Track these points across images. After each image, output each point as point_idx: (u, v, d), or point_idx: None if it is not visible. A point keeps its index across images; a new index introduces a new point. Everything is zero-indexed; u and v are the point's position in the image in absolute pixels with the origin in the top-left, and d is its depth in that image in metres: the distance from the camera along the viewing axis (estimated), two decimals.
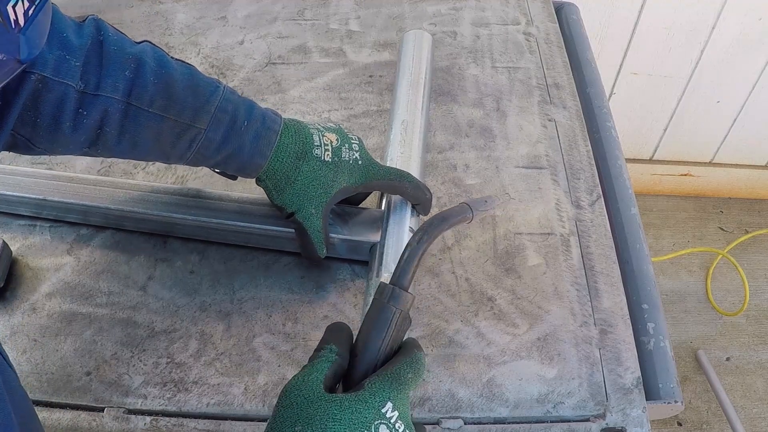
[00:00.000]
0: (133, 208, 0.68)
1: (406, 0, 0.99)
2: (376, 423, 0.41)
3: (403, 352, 0.46)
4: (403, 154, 0.71)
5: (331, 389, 0.43)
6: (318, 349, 0.45)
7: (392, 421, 0.42)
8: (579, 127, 0.81)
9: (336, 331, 0.46)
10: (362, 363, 0.44)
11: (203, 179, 0.75)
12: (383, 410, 0.42)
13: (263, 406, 0.59)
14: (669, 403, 0.61)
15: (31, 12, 0.36)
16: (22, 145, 0.55)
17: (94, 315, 0.65)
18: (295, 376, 0.43)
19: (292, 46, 0.93)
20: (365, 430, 0.41)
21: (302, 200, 0.61)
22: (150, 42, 0.58)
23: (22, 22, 0.36)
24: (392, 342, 0.45)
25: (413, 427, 0.44)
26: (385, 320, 0.44)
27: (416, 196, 0.66)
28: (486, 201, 0.52)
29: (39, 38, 0.38)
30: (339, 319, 0.64)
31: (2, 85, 0.37)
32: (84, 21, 0.55)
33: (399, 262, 0.46)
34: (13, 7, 0.35)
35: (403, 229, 0.65)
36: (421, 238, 0.46)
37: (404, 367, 0.44)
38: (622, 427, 0.58)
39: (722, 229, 1.88)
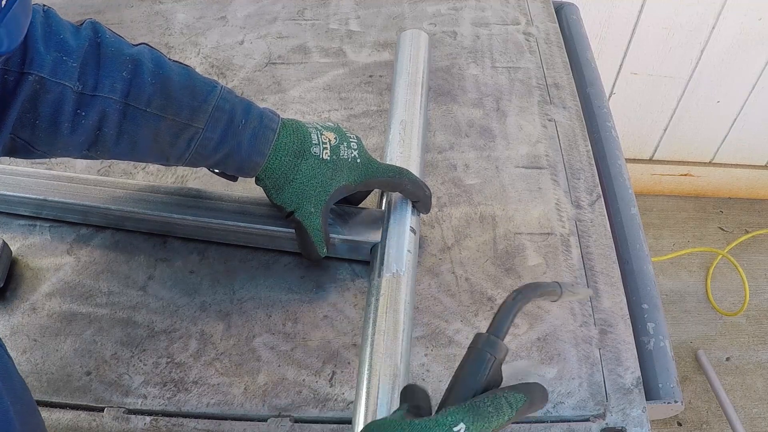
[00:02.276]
0: (133, 208, 0.68)
1: (406, 0, 0.99)
2: None
3: (496, 389, 0.45)
4: (402, 154, 0.71)
5: None
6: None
7: None
8: (579, 127, 0.81)
9: (411, 392, 0.47)
10: (452, 401, 0.44)
11: (203, 179, 0.75)
12: (455, 429, 0.41)
13: (263, 406, 0.59)
14: (669, 403, 0.61)
15: (4, 3, 0.36)
16: (22, 148, 0.55)
17: (94, 315, 0.65)
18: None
19: (292, 46, 0.93)
20: None
21: (301, 199, 0.61)
22: (147, 44, 0.58)
23: None
24: (486, 386, 0.45)
25: None
26: (480, 363, 0.45)
27: (415, 193, 0.66)
28: (577, 290, 0.54)
29: (16, 30, 0.38)
30: (339, 318, 0.64)
31: None
32: (81, 24, 0.55)
33: (496, 314, 0.47)
34: None
35: (403, 228, 0.65)
36: (516, 297, 0.48)
37: (485, 400, 0.43)
38: (622, 427, 0.58)
39: (722, 229, 1.88)
